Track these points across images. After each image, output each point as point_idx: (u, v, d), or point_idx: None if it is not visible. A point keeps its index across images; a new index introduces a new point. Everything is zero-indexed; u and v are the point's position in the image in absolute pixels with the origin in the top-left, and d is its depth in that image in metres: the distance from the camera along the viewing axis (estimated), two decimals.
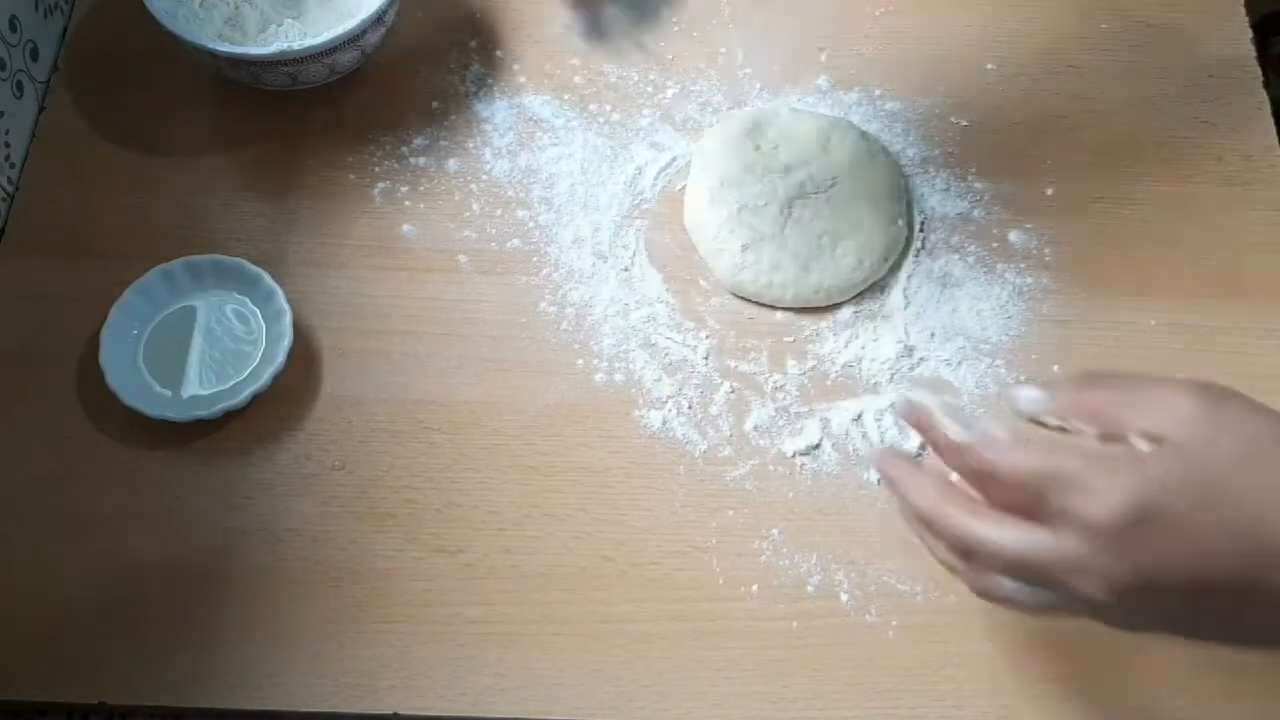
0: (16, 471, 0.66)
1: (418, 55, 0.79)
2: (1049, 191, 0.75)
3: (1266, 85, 0.78)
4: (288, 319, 0.68)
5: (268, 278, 0.69)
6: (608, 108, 0.78)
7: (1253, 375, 0.69)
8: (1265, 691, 0.56)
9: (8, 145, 0.74)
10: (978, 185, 0.74)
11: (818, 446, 0.67)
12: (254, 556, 0.64)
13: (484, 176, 0.75)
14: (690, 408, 0.68)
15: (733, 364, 0.69)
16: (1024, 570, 0.47)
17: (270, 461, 0.66)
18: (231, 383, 0.67)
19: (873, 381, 0.69)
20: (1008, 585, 0.48)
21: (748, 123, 0.75)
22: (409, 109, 0.77)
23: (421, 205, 0.74)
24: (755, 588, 0.63)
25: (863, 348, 0.70)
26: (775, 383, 0.69)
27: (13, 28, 0.74)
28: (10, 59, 0.74)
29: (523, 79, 0.79)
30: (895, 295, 0.72)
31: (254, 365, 0.68)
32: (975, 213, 0.74)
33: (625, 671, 0.61)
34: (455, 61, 0.79)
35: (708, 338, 0.70)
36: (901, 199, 0.73)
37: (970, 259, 0.72)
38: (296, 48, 0.71)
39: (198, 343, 0.69)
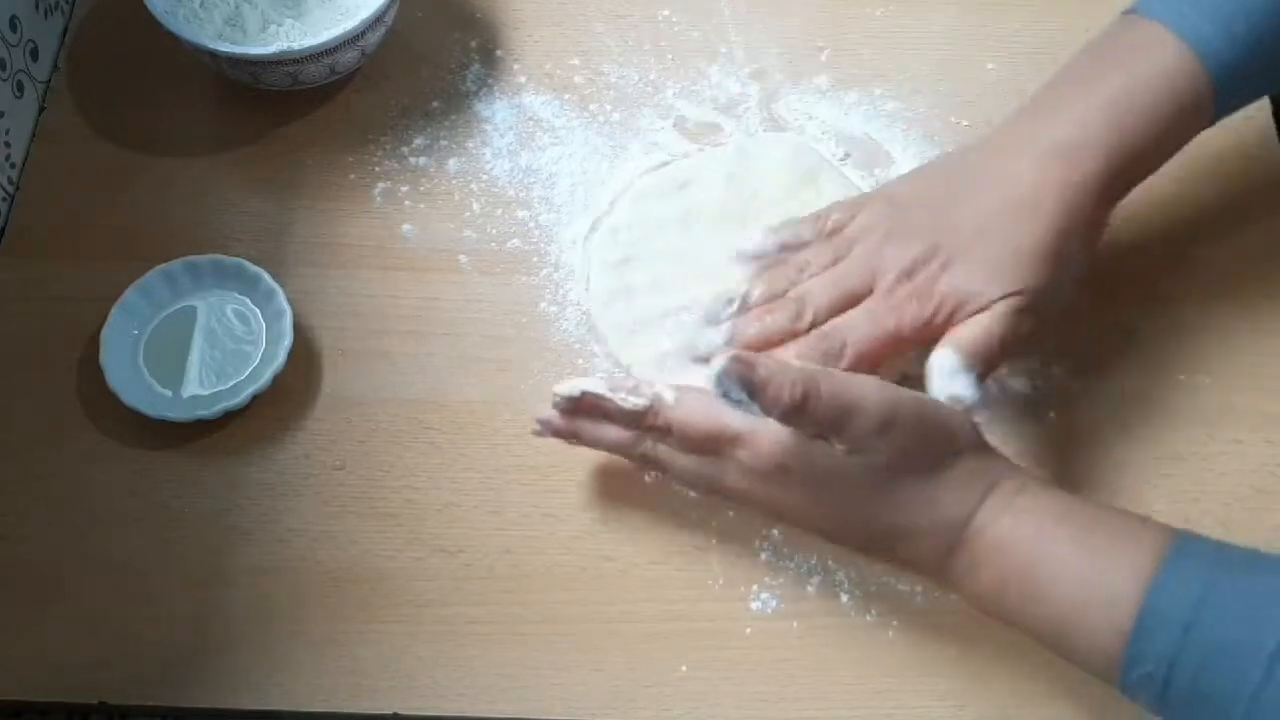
0: (16, 471, 0.66)
1: (418, 55, 0.79)
2: None
3: None
4: (288, 319, 0.68)
5: (268, 278, 0.69)
6: (608, 108, 0.78)
7: (1253, 375, 0.69)
8: None
9: (8, 145, 0.74)
10: None
11: None
12: (254, 556, 0.64)
13: (484, 176, 0.75)
14: None
15: None
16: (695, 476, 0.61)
17: (270, 461, 0.66)
18: (231, 383, 0.67)
19: None
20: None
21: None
22: (409, 109, 0.77)
23: (421, 205, 0.74)
24: (755, 588, 0.63)
25: None
26: None
27: (13, 28, 0.74)
28: (10, 59, 0.74)
29: (523, 79, 0.79)
30: None
31: (254, 365, 0.68)
32: None
33: (625, 671, 0.61)
34: (455, 61, 0.79)
35: None
36: None
37: None
38: (296, 48, 0.71)
39: (198, 343, 0.69)
